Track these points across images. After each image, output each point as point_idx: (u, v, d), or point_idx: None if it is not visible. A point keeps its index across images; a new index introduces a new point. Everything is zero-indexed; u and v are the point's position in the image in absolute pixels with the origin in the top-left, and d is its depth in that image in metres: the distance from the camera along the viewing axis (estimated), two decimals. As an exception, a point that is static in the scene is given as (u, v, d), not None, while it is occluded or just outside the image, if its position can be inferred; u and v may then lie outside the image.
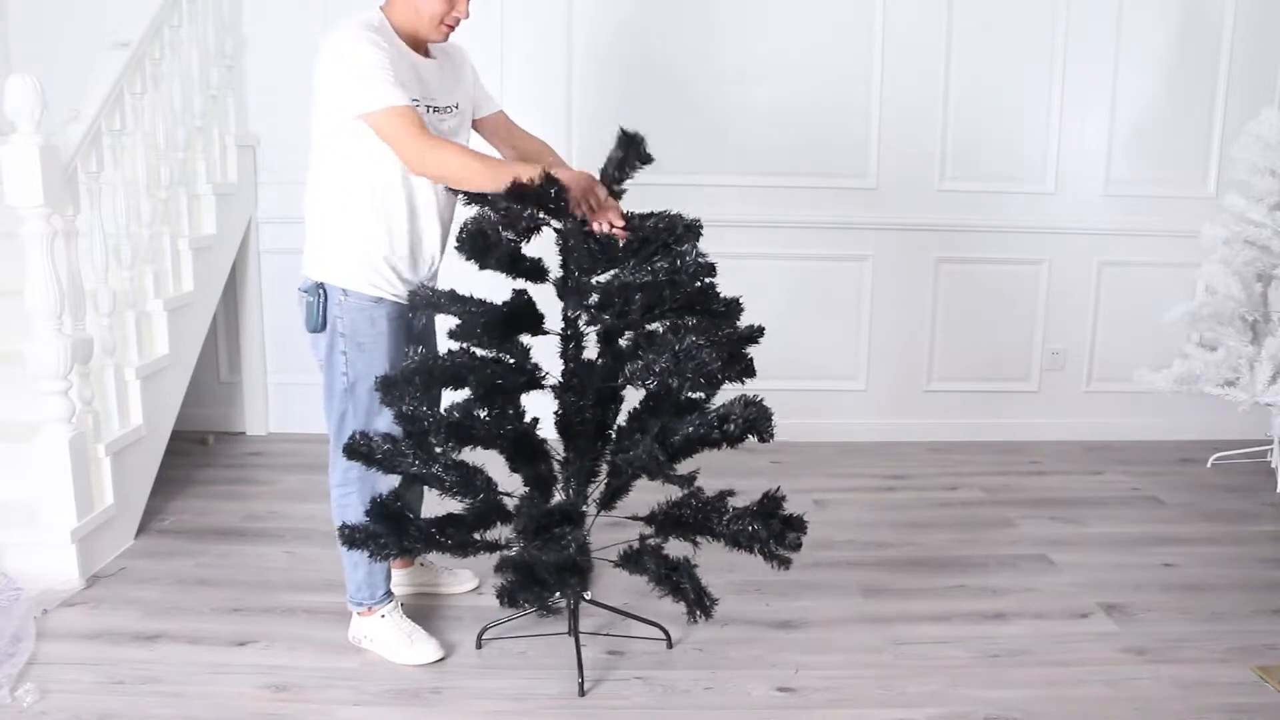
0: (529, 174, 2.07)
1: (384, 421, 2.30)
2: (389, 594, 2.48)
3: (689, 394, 2.11)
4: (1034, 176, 4.08)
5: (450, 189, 2.28)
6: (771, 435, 2.06)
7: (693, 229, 2.14)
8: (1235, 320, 3.57)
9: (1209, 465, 3.92)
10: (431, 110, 2.28)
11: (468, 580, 2.78)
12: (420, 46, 2.32)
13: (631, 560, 2.29)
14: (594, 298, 2.18)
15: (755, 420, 2.04)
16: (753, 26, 3.92)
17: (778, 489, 2.24)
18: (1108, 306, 4.18)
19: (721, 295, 2.19)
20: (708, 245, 2.19)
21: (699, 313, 2.16)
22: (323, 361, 2.35)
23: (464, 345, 2.20)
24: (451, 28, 2.30)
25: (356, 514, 2.30)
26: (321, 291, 2.29)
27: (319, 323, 2.30)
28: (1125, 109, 4.04)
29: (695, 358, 2.03)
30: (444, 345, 2.28)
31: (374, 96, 2.12)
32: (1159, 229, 4.09)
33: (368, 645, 2.47)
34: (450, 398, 2.20)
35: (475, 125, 2.52)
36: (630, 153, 2.20)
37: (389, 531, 2.22)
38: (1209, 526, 3.33)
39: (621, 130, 2.22)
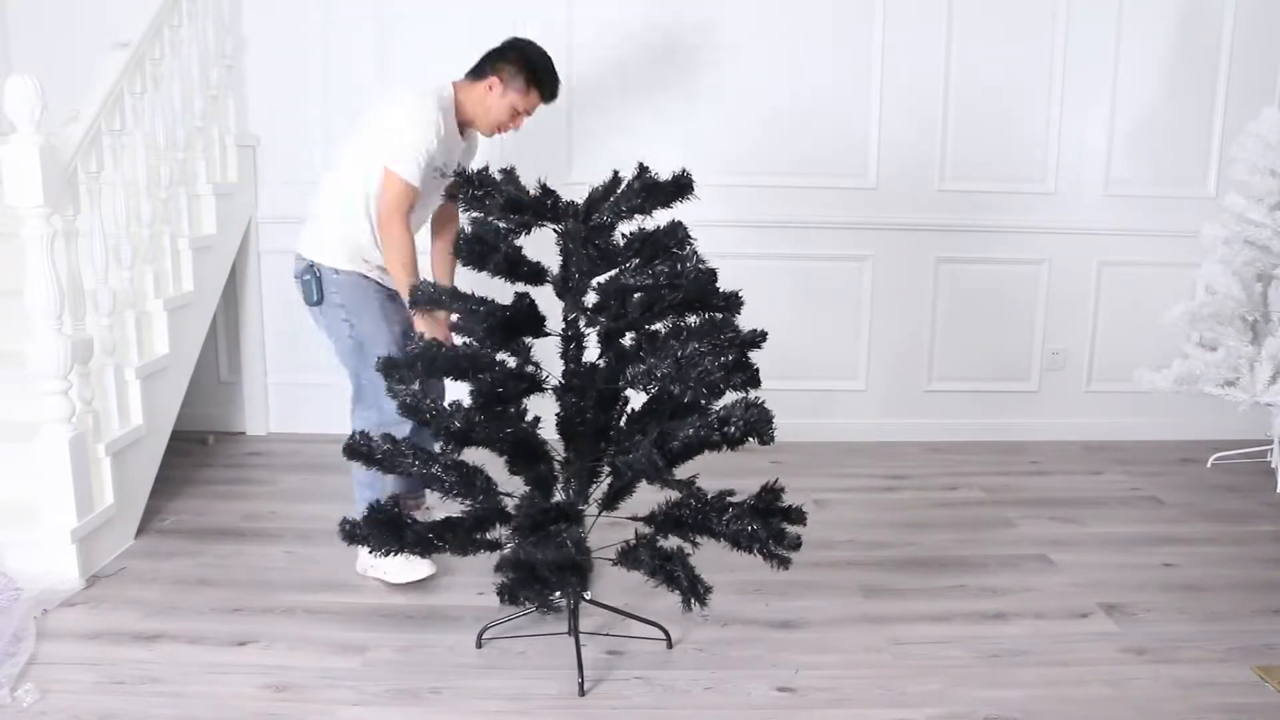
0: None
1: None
2: None
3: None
4: (1034, 176, 4.08)
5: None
6: (772, 438, 2.06)
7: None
8: (1235, 320, 3.57)
9: (1209, 465, 3.92)
10: (441, 175, 2.73)
11: (425, 569, 2.79)
12: (463, 127, 2.79)
13: (628, 556, 2.28)
14: (592, 299, 2.18)
15: (756, 423, 2.04)
16: (753, 26, 3.92)
17: (775, 480, 2.25)
18: (1108, 306, 4.18)
19: (721, 291, 2.19)
20: (708, 245, 2.20)
21: (699, 310, 2.16)
22: (328, 332, 2.78)
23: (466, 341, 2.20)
24: (501, 133, 2.79)
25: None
26: (315, 272, 2.72)
27: (318, 296, 2.74)
28: (1125, 109, 4.05)
29: (698, 365, 2.04)
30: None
31: (405, 165, 2.61)
32: (1159, 229, 4.09)
33: (373, 573, 2.77)
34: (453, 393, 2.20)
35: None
36: None
37: (387, 536, 2.23)
38: (1209, 526, 3.33)
39: None
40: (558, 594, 2.25)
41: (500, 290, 2.28)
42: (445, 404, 2.22)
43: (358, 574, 2.83)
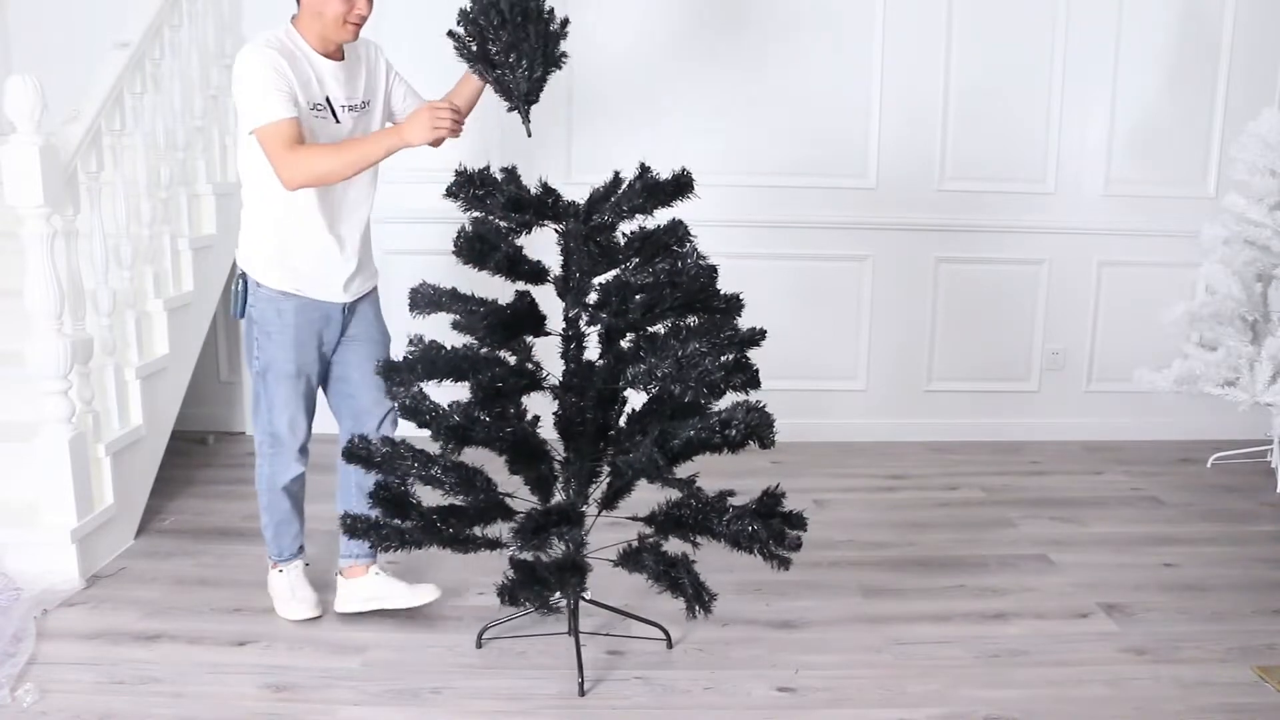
0: (398, 136, 2.27)
1: (283, 410, 2.50)
2: (295, 556, 2.65)
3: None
4: (1034, 176, 4.08)
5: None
6: (773, 442, 2.07)
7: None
8: (1235, 320, 3.57)
9: (1209, 465, 3.92)
10: (346, 109, 2.42)
11: (428, 593, 2.65)
12: (332, 51, 2.40)
13: (630, 559, 2.29)
14: (593, 296, 2.18)
15: (757, 427, 2.04)
16: (753, 26, 3.92)
17: (777, 485, 2.25)
18: (1108, 306, 4.18)
19: (722, 293, 2.19)
20: (708, 245, 2.20)
21: (699, 311, 2.16)
22: (244, 344, 2.61)
23: (465, 342, 2.20)
24: (357, 25, 2.38)
25: (265, 484, 2.58)
26: (242, 282, 2.49)
27: (240, 310, 2.50)
28: (1125, 109, 4.05)
29: (699, 365, 2.04)
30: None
31: (256, 113, 2.27)
32: (1159, 229, 4.09)
33: (271, 595, 2.65)
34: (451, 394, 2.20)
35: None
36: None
37: (390, 516, 2.23)
38: (1209, 526, 3.34)
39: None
40: (557, 594, 2.25)
41: (500, 291, 2.28)
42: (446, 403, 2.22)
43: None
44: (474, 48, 2.27)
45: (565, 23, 2.35)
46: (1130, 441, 4.20)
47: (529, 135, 2.39)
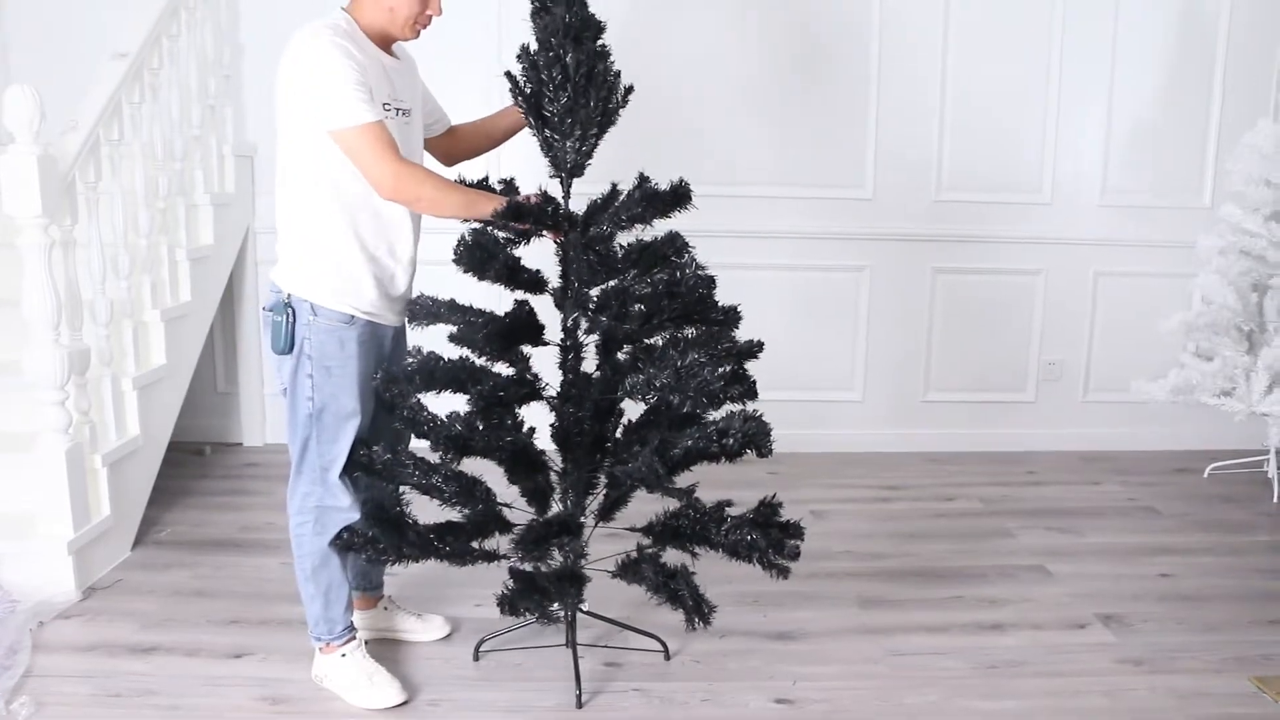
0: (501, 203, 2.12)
1: (341, 455, 2.21)
2: (350, 629, 2.34)
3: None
4: (1030, 187, 4.09)
5: None
6: (770, 451, 2.06)
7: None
8: (1231, 330, 3.59)
9: (1206, 475, 3.92)
10: (400, 113, 2.20)
11: (438, 628, 2.59)
12: (386, 47, 2.22)
13: (629, 570, 2.29)
14: (593, 303, 2.19)
15: (754, 435, 2.04)
16: (749, 36, 3.94)
17: (774, 495, 2.25)
18: (1104, 317, 4.20)
19: (719, 304, 2.20)
20: (705, 256, 2.20)
21: (697, 322, 2.17)
22: (286, 385, 2.22)
23: (463, 354, 2.21)
24: (424, 27, 2.22)
25: (311, 546, 2.25)
26: (290, 310, 2.16)
27: (288, 344, 2.17)
28: (1121, 120, 4.07)
29: (697, 375, 2.04)
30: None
31: (345, 113, 2.04)
32: (1155, 239, 4.11)
33: (328, 685, 2.32)
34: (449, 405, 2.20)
35: (426, 141, 2.42)
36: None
37: (387, 536, 2.22)
38: (1206, 537, 3.34)
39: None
40: (556, 605, 2.24)
41: (499, 302, 2.28)
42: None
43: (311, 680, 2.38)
44: (529, 93, 2.13)
45: (629, 90, 2.21)
46: (1127, 452, 4.20)
47: (564, 210, 2.16)
